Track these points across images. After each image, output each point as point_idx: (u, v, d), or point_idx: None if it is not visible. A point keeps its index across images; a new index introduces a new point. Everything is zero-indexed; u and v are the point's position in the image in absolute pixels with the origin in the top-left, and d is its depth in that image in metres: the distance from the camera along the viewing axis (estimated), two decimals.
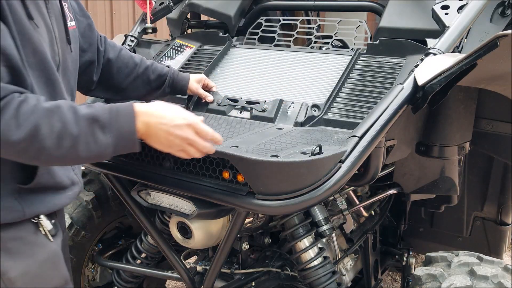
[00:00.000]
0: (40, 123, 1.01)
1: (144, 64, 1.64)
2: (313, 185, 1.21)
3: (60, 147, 1.04)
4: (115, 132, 1.10)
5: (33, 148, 1.01)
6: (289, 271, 1.87)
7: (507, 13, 1.70)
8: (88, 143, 1.07)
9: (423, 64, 1.42)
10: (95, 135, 1.08)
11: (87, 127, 1.07)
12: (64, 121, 1.04)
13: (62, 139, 1.03)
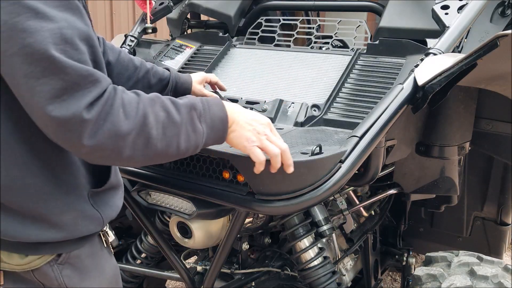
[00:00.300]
0: (146, 111, 0.94)
1: (145, 68, 1.52)
2: (313, 185, 1.21)
3: (165, 136, 0.97)
4: (209, 121, 1.05)
5: (141, 139, 0.93)
6: (289, 271, 1.87)
7: (507, 13, 1.70)
8: (188, 133, 1.01)
9: (423, 64, 1.42)
10: (194, 124, 1.02)
11: (187, 115, 1.01)
12: (167, 110, 0.98)
13: (166, 128, 0.97)
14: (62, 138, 0.88)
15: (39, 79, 0.83)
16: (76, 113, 0.85)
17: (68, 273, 1.07)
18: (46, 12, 0.84)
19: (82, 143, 0.87)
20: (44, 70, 0.83)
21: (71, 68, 0.84)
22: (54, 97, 0.84)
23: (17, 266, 1.03)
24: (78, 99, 0.85)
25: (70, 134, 0.86)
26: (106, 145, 0.89)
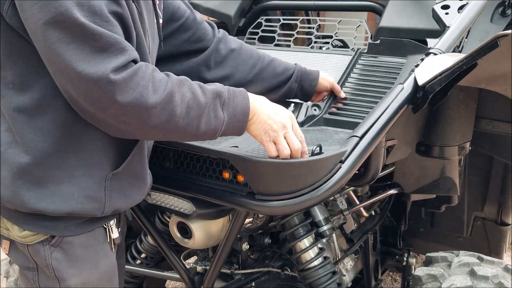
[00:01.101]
0: (174, 90, 1.01)
1: (268, 57, 1.52)
2: (313, 185, 1.21)
3: (187, 116, 1.02)
4: (231, 110, 1.09)
5: (165, 114, 0.99)
6: (289, 272, 1.87)
7: (507, 13, 1.70)
8: (209, 117, 1.06)
9: (423, 64, 1.42)
10: (216, 110, 1.07)
11: (211, 100, 1.06)
12: (194, 92, 1.04)
13: (191, 108, 1.03)
14: (92, 99, 0.94)
15: (69, 44, 0.91)
16: (104, 74, 0.92)
17: (58, 256, 1.10)
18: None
19: (111, 102, 0.94)
20: (75, 35, 0.90)
21: (99, 34, 0.92)
22: (83, 59, 0.91)
23: (18, 237, 1.10)
24: (106, 62, 0.92)
25: (99, 94, 0.93)
26: (132, 110, 0.96)
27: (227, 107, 1.09)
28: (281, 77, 1.52)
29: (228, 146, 1.33)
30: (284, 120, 1.14)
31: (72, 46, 0.91)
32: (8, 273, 2.14)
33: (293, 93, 1.56)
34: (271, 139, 1.14)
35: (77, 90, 0.95)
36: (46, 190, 1.05)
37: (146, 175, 1.23)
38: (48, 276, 1.12)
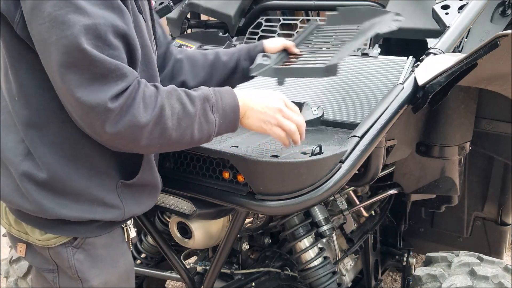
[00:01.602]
0: (164, 103, 1.01)
1: (211, 52, 1.49)
2: (313, 185, 1.21)
3: (179, 127, 1.03)
4: (221, 111, 1.10)
5: (157, 130, 1.00)
6: (289, 272, 1.87)
7: (507, 13, 1.70)
8: (201, 123, 1.06)
9: (423, 64, 1.42)
10: (206, 115, 1.07)
11: (200, 107, 1.06)
12: (182, 102, 1.04)
13: (181, 119, 1.03)
14: (87, 123, 0.96)
15: (70, 68, 0.91)
16: (102, 102, 0.92)
17: (80, 257, 1.12)
18: (86, 8, 0.91)
19: (105, 130, 0.94)
20: (76, 60, 0.91)
21: (100, 61, 0.92)
22: (82, 85, 0.92)
23: (38, 241, 1.11)
24: (105, 89, 0.93)
25: (95, 120, 0.94)
26: (125, 134, 0.97)
27: (217, 109, 1.09)
28: (230, 63, 1.47)
29: (228, 146, 1.33)
30: (277, 104, 1.15)
31: (72, 71, 0.91)
32: (8, 273, 2.14)
33: (247, 75, 1.48)
34: (273, 125, 1.15)
35: (75, 113, 0.97)
36: (67, 200, 1.07)
37: (156, 182, 1.24)
38: (70, 277, 1.13)
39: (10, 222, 1.16)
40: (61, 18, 0.90)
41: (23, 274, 2.04)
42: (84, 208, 1.09)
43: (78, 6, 0.91)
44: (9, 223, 1.16)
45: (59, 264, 1.13)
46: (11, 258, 2.10)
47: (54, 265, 1.13)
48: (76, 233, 1.11)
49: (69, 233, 1.11)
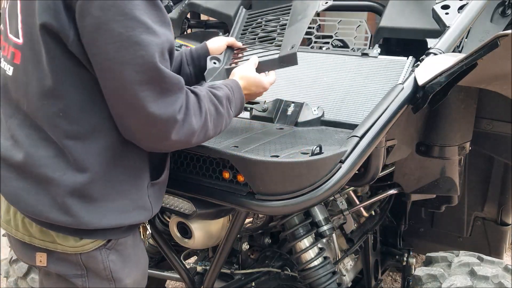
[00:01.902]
0: (206, 109, 1.11)
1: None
2: (313, 185, 1.21)
3: (215, 127, 1.16)
4: (237, 105, 1.27)
5: (203, 133, 1.11)
6: (289, 272, 1.87)
7: (507, 13, 1.70)
8: (226, 119, 1.21)
9: (423, 64, 1.41)
10: (229, 111, 1.22)
11: (225, 106, 1.20)
12: (214, 104, 1.16)
13: (216, 120, 1.16)
14: (151, 134, 1.04)
15: (145, 85, 0.97)
16: (173, 114, 1.01)
17: (113, 258, 1.16)
18: (154, 28, 0.97)
19: (170, 139, 1.03)
20: (151, 78, 0.97)
21: (167, 77, 1.00)
22: (155, 100, 0.98)
23: (71, 248, 1.11)
24: (173, 102, 1.01)
25: (163, 131, 1.02)
26: (183, 140, 1.07)
27: (234, 105, 1.25)
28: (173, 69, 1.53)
29: (228, 146, 1.33)
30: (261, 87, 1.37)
31: (147, 87, 0.97)
32: (8, 273, 2.14)
33: (193, 76, 1.52)
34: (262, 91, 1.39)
35: (141, 125, 1.02)
36: (101, 208, 1.09)
37: (167, 179, 1.29)
38: (102, 279, 1.15)
39: (32, 233, 1.13)
40: (135, 39, 0.94)
41: (23, 274, 2.04)
42: (122, 215, 1.12)
43: (148, 26, 0.96)
44: (29, 233, 1.13)
45: (91, 268, 1.14)
46: (11, 258, 2.10)
47: (83, 270, 1.14)
48: (112, 235, 1.14)
49: (105, 236, 1.13)
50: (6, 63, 1.10)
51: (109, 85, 1.00)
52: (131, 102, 0.99)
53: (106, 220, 1.09)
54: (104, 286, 1.16)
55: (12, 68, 1.07)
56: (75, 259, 1.13)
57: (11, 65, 1.08)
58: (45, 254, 1.13)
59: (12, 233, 1.15)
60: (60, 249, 1.12)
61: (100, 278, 1.15)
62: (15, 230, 1.15)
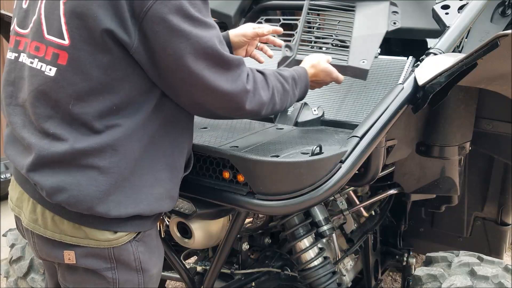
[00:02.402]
0: (272, 85, 1.26)
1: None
2: (313, 185, 1.21)
3: (281, 101, 1.31)
4: (299, 89, 1.40)
5: (271, 105, 1.27)
6: (289, 272, 1.87)
7: (507, 13, 1.70)
8: (291, 97, 1.36)
9: (423, 64, 1.42)
10: (294, 91, 1.37)
11: (291, 85, 1.35)
12: (281, 82, 1.31)
13: (282, 95, 1.31)
14: (231, 108, 1.18)
15: (213, 69, 1.11)
16: (243, 85, 1.16)
17: (142, 249, 1.21)
18: (210, 22, 1.12)
19: (245, 108, 1.18)
20: (217, 62, 1.11)
21: (229, 58, 1.14)
22: (225, 79, 1.13)
23: (105, 242, 1.15)
24: (240, 77, 1.16)
25: (239, 103, 1.17)
26: (255, 110, 1.21)
27: (299, 87, 1.40)
28: None
29: (228, 146, 1.33)
30: (329, 76, 1.51)
31: (215, 70, 1.11)
32: (8, 273, 2.14)
33: None
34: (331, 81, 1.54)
35: (220, 104, 1.17)
36: (141, 194, 1.15)
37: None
38: (131, 270, 1.20)
39: (63, 230, 1.15)
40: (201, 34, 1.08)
41: (23, 274, 2.04)
42: (156, 203, 1.18)
43: (207, 22, 1.11)
44: (60, 231, 1.15)
45: (122, 260, 1.18)
46: (11, 258, 2.10)
47: (113, 262, 1.18)
48: (143, 227, 1.20)
49: (138, 228, 1.18)
50: (44, 64, 1.10)
51: (184, 80, 1.10)
52: (205, 87, 1.11)
53: (142, 206, 1.15)
54: (133, 277, 1.21)
55: (55, 69, 1.08)
56: (106, 252, 1.16)
57: (54, 66, 1.08)
58: (72, 252, 1.16)
59: (41, 232, 1.16)
60: (93, 244, 1.15)
61: (129, 269, 1.20)
62: (43, 229, 1.16)
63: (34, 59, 1.12)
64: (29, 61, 1.13)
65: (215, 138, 1.42)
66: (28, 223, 1.18)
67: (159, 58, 1.08)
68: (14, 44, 1.20)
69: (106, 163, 1.09)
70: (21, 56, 1.17)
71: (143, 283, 1.23)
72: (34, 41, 1.12)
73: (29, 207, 1.18)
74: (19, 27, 1.20)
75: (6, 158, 4.13)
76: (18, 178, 1.23)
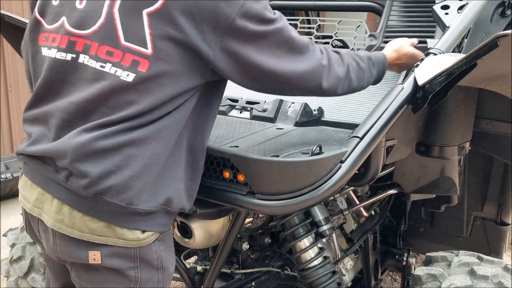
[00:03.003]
0: (347, 62, 1.33)
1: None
2: (313, 185, 1.21)
3: (357, 78, 1.36)
4: (376, 70, 1.45)
5: (347, 81, 1.32)
6: (289, 271, 1.87)
7: (507, 13, 1.70)
8: (367, 76, 1.41)
9: (423, 64, 1.42)
10: (371, 70, 1.42)
11: (367, 64, 1.41)
12: (356, 60, 1.37)
13: (358, 72, 1.36)
14: (310, 85, 1.25)
15: (291, 58, 1.20)
16: (318, 61, 1.24)
17: (163, 248, 1.25)
18: (278, 14, 1.21)
19: (322, 86, 1.26)
20: (294, 51, 1.20)
21: (302, 41, 1.22)
22: (301, 60, 1.21)
23: (135, 241, 1.18)
24: (315, 53, 1.24)
25: (317, 79, 1.24)
26: (332, 86, 1.28)
27: (376, 67, 1.45)
28: None
29: (228, 145, 1.33)
30: (413, 59, 1.57)
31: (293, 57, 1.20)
32: (9, 272, 2.14)
33: None
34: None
35: (298, 84, 1.22)
36: (169, 188, 1.19)
37: None
38: (152, 268, 1.23)
39: (92, 229, 1.16)
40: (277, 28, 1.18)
41: (23, 274, 2.04)
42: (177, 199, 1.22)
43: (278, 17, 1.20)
44: (88, 230, 1.16)
45: (145, 259, 1.21)
46: (12, 258, 2.10)
47: (137, 262, 1.20)
48: (166, 226, 1.24)
49: (162, 227, 1.22)
50: (120, 69, 1.11)
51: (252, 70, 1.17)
52: (290, 79, 1.20)
53: (171, 199, 1.19)
54: (153, 275, 1.24)
55: (133, 75, 1.10)
56: (132, 252, 1.19)
57: (133, 72, 1.11)
58: (98, 252, 1.17)
59: (67, 232, 1.17)
60: (121, 244, 1.17)
61: (151, 268, 1.23)
62: (70, 229, 1.16)
63: (105, 63, 1.12)
64: (99, 65, 1.13)
65: (216, 137, 1.42)
66: (53, 223, 1.18)
67: (243, 66, 1.16)
68: (67, 44, 1.18)
69: (150, 154, 1.13)
70: (80, 57, 1.16)
71: (162, 281, 1.26)
72: (104, 45, 1.13)
73: (54, 207, 1.18)
74: (75, 27, 1.18)
75: (6, 158, 4.12)
76: (37, 179, 1.23)
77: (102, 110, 1.13)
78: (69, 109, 1.15)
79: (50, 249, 1.25)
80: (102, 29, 1.14)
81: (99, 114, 1.13)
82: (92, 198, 1.13)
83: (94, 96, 1.13)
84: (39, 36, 1.25)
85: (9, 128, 4.47)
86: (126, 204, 1.13)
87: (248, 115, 1.67)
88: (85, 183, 1.11)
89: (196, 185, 1.29)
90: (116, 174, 1.11)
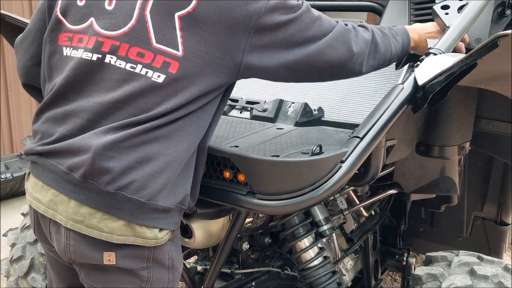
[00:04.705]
0: (372, 28, 1.39)
1: None
2: (313, 185, 1.21)
3: (384, 44, 1.40)
4: (400, 36, 1.49)
5: (373, 45, 1.36)
6: (289, 271, 1.87)
7: (506, 13, 1.70)
8: (393, 42, 1.45)
9: (423, 64, 1.42)
10: (395, 36, 1.47)
11: (389, 31, 1.45)
12: (378, 28, 1.43)
13: (383, 38, 1.41)
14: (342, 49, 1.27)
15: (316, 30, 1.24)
16: (344, 27, 1.29)
17: (173, 248, 1.27)
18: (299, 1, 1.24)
19: (353, 51, 1.30)
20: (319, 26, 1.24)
21: (324, 16, 1.27)
22: (328, 29, 1.26)
23: (153, 240, 1.19)
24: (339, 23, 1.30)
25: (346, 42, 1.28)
26: (363, 50, 1.33)
27: (400, 35, 1.49)
28: None
29: (228, 145, 1.34)
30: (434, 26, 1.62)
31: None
32: (9, 272, 2.15)
33: None
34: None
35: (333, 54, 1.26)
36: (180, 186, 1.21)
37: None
38: (163, 268, 1.25)
39: (111, 229, 1.16)
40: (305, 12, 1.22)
41: (23, 274, 2.04)
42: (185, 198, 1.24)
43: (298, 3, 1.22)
44: (108, 230, 1.15)
45: (157, 259, 1.23)
46: (12, 258, 2.10)
47: (149, 262, 1.22)
48: (178, 224, 1.26)
49: (175, 225, 1.24)
50: (151, 70, 1.13)
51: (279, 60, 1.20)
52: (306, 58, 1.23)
53: (183, 198, 1.21)
54: (164, 275, 1.26)
55: (164, 76, 1.12)
56: (146, 252, 1.20)
57: (163, 74, 1.12)
58: (113, 253, 1.18)
59: (87, 232, 1.16)
60: (140, 242, 1.18)
61: (162, 268, 1.25)
62: (90, 229, 1.16)
63: (136, 64, 1.13)
64: (129, 66, 1.14)
65: (216, 137, 1.42)
66: (73, 224, 1.17)
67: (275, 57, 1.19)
68: (94, 45, 1.18)
69: (171, 151, 1.15)
70: (107, 57, 1.16)
71: (172, 281, 1.28)
72: (135, 46, 1.14)
73: (71, 208, 1.16)
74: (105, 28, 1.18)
75: (6, 158, 4.11)
76: (49, 180, 1.21)
77: (129, 110, 1.14)
78: (95, 109, 1.15)
79: (61, 250, 1.23)
80: (133, 30, 1.15)
81: (126, 114, 1.14)
82: (113, 195, 1.12)
83: (123, 96, 1.13)
84: (59, 36, 1.25)
85: (9, 128, 4.47)
86: (146, 200, 1.14)
87: (248, 115, 1.67)
88: (107, 178, 1.11)
89: (198, 184, 1.30)
90: (138, 170, 1.12)
